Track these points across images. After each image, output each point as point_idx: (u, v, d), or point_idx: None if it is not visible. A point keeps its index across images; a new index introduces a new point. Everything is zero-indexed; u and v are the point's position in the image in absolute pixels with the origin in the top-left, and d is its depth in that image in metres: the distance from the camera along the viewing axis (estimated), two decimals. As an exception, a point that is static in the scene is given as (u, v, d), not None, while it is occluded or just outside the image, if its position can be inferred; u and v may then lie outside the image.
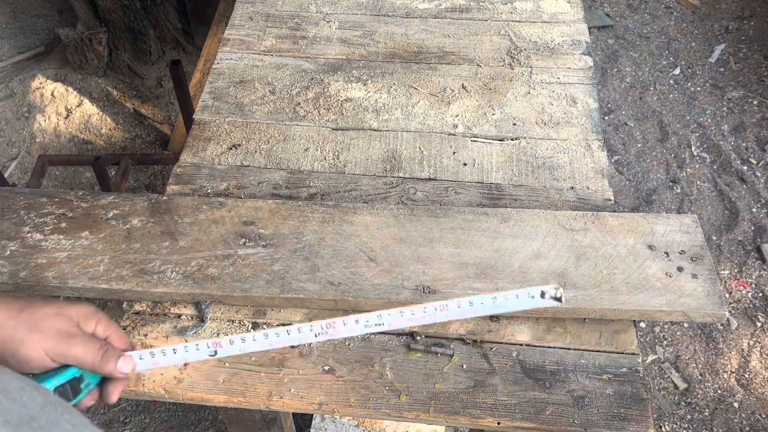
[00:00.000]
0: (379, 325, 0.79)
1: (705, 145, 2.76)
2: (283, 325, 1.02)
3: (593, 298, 1.00)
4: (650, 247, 1.06)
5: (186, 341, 0.99)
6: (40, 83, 2.87)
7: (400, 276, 1.02)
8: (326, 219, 1.09)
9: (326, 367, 0.97)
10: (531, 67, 1.41)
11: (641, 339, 2.22)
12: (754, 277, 2.37)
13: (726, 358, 2.18)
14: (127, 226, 1.07)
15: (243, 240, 1.06)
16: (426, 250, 1.05)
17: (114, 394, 0.76)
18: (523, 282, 1.01)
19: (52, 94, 2.85)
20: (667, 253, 1.05)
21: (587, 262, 1.04)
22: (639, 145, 2.78)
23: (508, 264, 1.03)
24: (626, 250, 1.05)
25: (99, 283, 1.00)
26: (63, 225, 1.07)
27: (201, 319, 1.02)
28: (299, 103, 1.34)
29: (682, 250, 1.06)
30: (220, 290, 1.00)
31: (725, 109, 2.89)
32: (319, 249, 1.05)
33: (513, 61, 1.42)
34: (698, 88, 2.98)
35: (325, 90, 1.36)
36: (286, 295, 1.00)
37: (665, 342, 2.23)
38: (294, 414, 1.78)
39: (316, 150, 1.26)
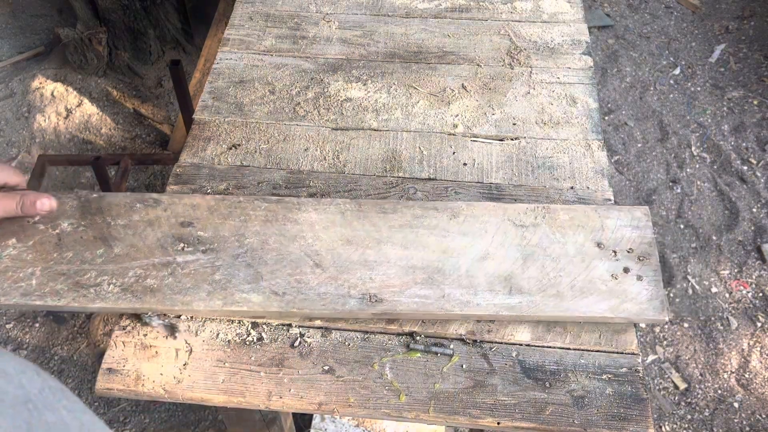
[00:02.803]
0: None
1: (705, 145, 2.76)
2: (283, 325, 1.02)
3: (537, 305, 0.98)
4: (599, 244, 1.04)
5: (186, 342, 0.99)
6: (40, 83, 2.87)
7: (347, 284, 0.99)
8: (269, 218, 1.04)
9: (326, 367, 0.97)
10: (531, 67, 1.41)
11: (641, 339, 2.22)
12: (754, 277, 2.36)
13: (726, 358, 2.18)
14: (57, 230, 1.00)
15: (182, 245, 1.01)
16: (373, 253, 1.02)
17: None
18: (469, 287, 0.99)
19: (52, 94, 2.84)
20: (615, 251, 1.03)
21: (534, 264, 1.02)
22: (639, 145, 2.78)
23: (455, 267, 1.01)
24: (575, 249, 1.03)
25: (33, 299, 0.94)
26: None
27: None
28: (299, 103, 1.34)
29: (630, 248, 1.04)
30: (160, 304, 0.96)
31: (725, 109, 2.89)
32: (262, 254, 1.00)
33: (513, 61, 1.42)
34: (698, 88, 2.98)
35: (325, 90, 1.36)
36: (229, 308, 0.97)
37: (665, 342, 2.23)
38: (294, 414, 1.77)
39: (316, 150, 1.26)
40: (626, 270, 1.02)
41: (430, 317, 1.00)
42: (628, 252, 1.03)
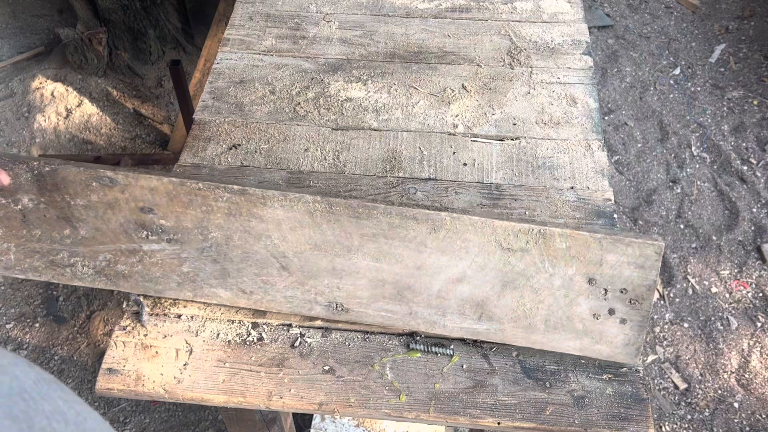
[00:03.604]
0: None
1: (705, 145, 2.76)
2: (284, 325, 1.02)
3: (505, 333, 0.96)
4: (590, 280, 0.95)
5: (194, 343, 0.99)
6: (40, 83, 2.87)
7: (314, 290, 0.98)
8: (232, 211, 0.98)
9: (326, 367, 0.97)
10: (531, 67, 1.41)
11: (641, 339, 2.22)
12: (754, 277, 2.37)
13: (726, 358, 2.18)
14: (19, 206, 1.00)
15: (145, 232, 1.00)
16: (343, 261, 0.97)
17: None
18: (438, 308, 0.97)
19: (52, 94, 2.85)
20: (605, 290, 0.95)
21: (513, 293, 0.95)
22: (639, 145, 2.78)
23: (427, 286, 0.96)
24: (561, 282, 0.95)
25: (15, 273, 1.00)
26: None
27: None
28: (299, 103, 1.34)
29: (624, 289, 0.95)
30: (133, 289, 1.01)
31: (725, 109, 2.89)
32: (227, 250, 0.99)
33: (513, 61, 1.42)
34: (698, 88, 2.98)
35: (325, 90, 1.36)
36: (199, 300, 1.01)
37: (665, 342, 2.23)
38: (294, 414, 1.77)
39: (316, 150, 1.26)
40: (611, 312, 0.95)
41: (396, 331, 1.01)
42: (621, 292, 0.95)
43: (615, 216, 1.15)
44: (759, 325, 2.25)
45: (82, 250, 1.00)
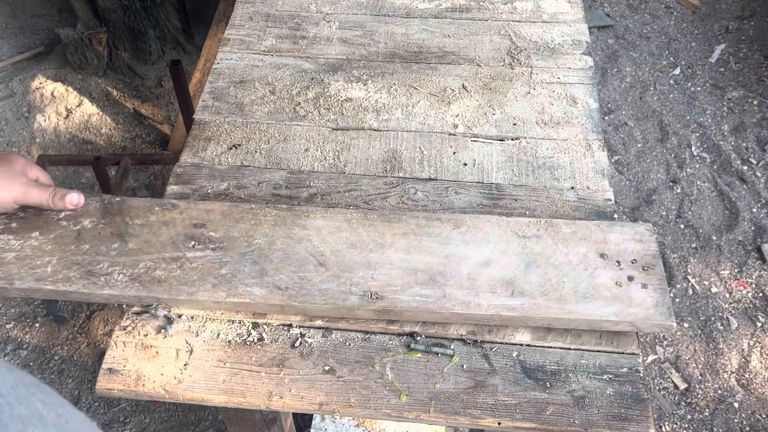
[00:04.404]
0: None
1: (705, 145, 2.77)
2: (284, 325, 1.02)
3: (540, 307, 0.99)
4: (602, 255, 1.04)
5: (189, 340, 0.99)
6: (40, 83, 2.87)
7: (349, 281, 1.01)
8: (278, 222, 1.08)
9: (326, 368, 0.97)
10: (531, 67, 1.41)
11: (641, 339, 2.22)
12: (754, 277, 2.37)
13: (726, 358, 2.18)
14: (78, 227, 1.06)
15: (192, 242, 1.05)
16: (376, 256, 1.04)
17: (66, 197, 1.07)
18: (471, 289, 1.00)
19: (52, 94, 2.84)
20: (618, 261, 1.04)
21: (537, 270, 1.03)
22: (639, 145, 2.78)
23: (457, 271, 1.02)
24: (577, 258, 1.04)
25: (45, 284, 0.99)
26: (13, 225, 1.06)
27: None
28: (299, 103, 1.34)
29: (634, 259, 1.04)
30: (166, 293, 0.99)
31: (725, 109, 2.89)
32: (268, 253, 1.04)
33: (513, 61, 1.42)
34: (698, 88, 2.98)
35: (326, 90, 1.36)
36: (231, 299, 0.99)
37: (665, 342, 2.23)
38: (294, 414, 1.78)
39: (317, 150, 1.26)
40: (630, 278, 1.02)
41: (431, 317, 1.00)
42: (632, 263, 1.04)
43: (615, 216, 1.15)
44: (759, 325, 2.25)
45: (124, 260, 1.03)
